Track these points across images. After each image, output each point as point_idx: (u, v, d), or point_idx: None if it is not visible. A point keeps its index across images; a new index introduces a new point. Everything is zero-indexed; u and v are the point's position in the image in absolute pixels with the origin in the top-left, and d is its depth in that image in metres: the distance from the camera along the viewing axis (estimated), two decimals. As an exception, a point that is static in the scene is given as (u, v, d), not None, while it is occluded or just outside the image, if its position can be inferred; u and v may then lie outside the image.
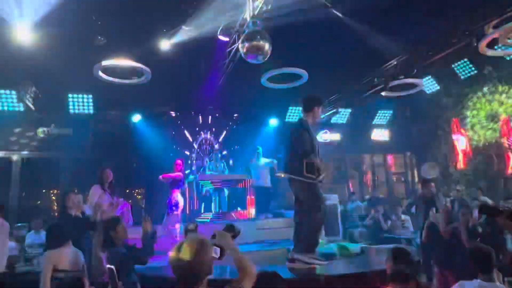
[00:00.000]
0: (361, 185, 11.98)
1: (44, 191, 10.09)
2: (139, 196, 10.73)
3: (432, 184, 6.17)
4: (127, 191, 10.11)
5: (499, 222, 2.55)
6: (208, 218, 7.64)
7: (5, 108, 8.17)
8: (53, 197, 10.11)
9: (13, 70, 7.32)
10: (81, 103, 8.57)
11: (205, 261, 1.74)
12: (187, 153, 10.04)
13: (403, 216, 8.00)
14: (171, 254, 1.76)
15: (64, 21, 5.98)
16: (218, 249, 1.89)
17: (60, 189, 9.48)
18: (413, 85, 8.69)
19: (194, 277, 1.71)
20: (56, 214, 8.59)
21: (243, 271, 1.85)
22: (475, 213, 4.68)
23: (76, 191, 5.44)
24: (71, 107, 8.54)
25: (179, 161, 6.92)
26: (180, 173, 6.81)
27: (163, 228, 6.17)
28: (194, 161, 10.07)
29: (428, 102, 10.66)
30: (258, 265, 5.16)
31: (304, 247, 4.07)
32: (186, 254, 1.71)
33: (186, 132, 10.11)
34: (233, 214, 8.00)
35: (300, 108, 8.21)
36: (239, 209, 8.70)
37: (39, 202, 9.97)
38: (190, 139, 10.15)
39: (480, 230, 4.56)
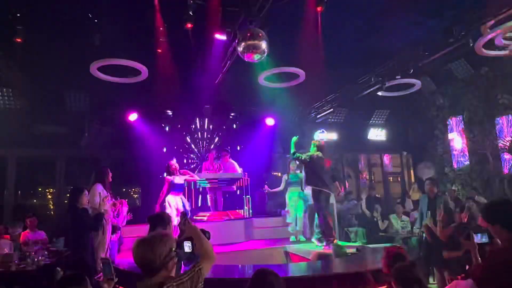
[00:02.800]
0: (357, 184, 12.00)
1: (40, 189, 10.06)
2: (135, 196, 10.70)
3: (436, 184, 6.16)
4: (123, 190, 10.08)
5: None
6: (205, 217, 7.63)
7: (1, 105, 8.12)
8: (49, 196, 10.07)
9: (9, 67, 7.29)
10: (77, 101, 8.51)
11: (161, 253, 1.91)
12: (184, 152, 10.02)
13: (403, 216, 8.02)
14: (134, 245, 1.95)
15: (61, 18, 5.97)
16: (189, 243, 2.02)
17: (56, 187, 9.46)
18: (410, 85, 8.73)
19: (150, 267, 1.90)
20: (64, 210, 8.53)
21: (205, 254, 2.05)
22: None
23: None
24: (67, 104, 8.49)
25: (172, 163, 6.79)
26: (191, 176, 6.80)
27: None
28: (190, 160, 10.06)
29: (425, 102, 10.70)
30: (256, 264, 5.19)
31: None
32: (144, 245, 1.92)
33: (182, 131, 10.09)
34: (229, 213, 7.99)
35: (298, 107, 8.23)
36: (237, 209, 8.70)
37: (35, 200, 9.93)
38: (187, 138, 10.13)
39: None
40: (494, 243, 2.54)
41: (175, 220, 6.25)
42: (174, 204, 6.42)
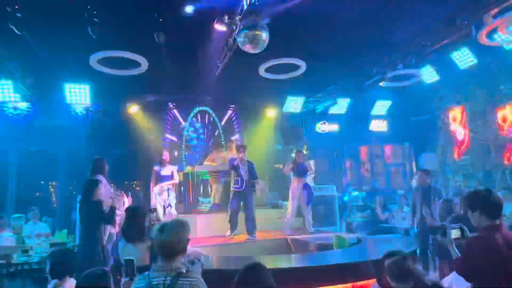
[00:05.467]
0: (359, 175, 12.01)
1: (42, 182, 10.11)
2: (138, 188, 10.74)
3: (429, 174, 6.21)
4: (126, 183, 10.12)
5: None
6: (205, 210, 7.67)
7: (1, 98, 8.12)
8: (52, 189, 10.13)
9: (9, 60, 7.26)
10: (78, 94, 8.52)
11: (183, 239, 2.10)
12: (183, 143, 10.04)
13: (405, 207, 8.04)
14: (155, 233, 2.10)
15: (60, 10, 5.93)
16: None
17: (59, 180, 9.52)
18: (412, 76, 8.67)
19: (173, 250, 2.06)
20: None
21: None
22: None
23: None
24: (67, 97, 8.49)
25: (164, 153, 6.89)
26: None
27: None
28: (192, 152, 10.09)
29: (427, 92, 10.63)
30: (257, 255, 5.23)
31: None
32: (167, 233, 2.07)
33: (183, 122, 10.09)
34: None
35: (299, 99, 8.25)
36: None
37: (37, 193, 9.99)
38: (188, 130, 10.13)
39: None
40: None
41: (160, 210, 6.37)
42: (158, 194, 6.55)
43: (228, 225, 6.49)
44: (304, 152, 10.99)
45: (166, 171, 6.68)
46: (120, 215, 4.65)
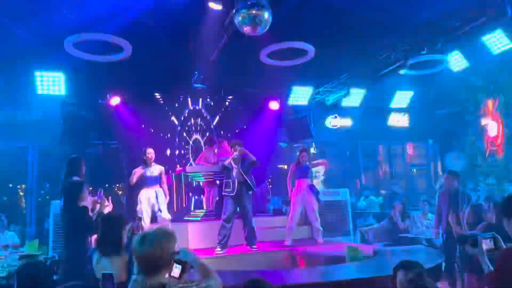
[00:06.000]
0: (375, 178, 12.01)
1: (10, 185, 10.12)
2: (120, 192, 10.75)
3: (457, 176, 6.19)
4: (106, 185, 10.13)
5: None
6: (198, 216, 7.66)
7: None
8: (21, 193, 10.13)
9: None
10: (51, 83, 8.49)
11: (169, 249, 2.07)
12: (174, 140, 10.04)
13: (429, 215, 8.03)
14: (135, 244, 2.09)
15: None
16: (180, 267, 2.04)
17: (29, 183, 9.51)
18: (437, 62, 8.63)
19: (156, 264, 2.04)
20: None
21: (207, 274, 2.16)
22: None
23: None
24: (39, 87, 8.47)
25: (149, 151, 6.76)
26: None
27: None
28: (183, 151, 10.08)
29: (455, 81, 10.58)
30: (257, 270, 5.22)
31: None
32: (150, 244, 2.05)
33: (173, 117, 10.08)
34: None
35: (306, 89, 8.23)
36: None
37: (5, 198, 10.00)
38: (178, 125, 10.12)
39: None
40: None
41: (147, 218, 6.34)
42: (145, 199, 6.49)
43: (218, 238, 6.33)
44: (313, 150, 11.03)
45: (151, 171, 6.63)
46: None
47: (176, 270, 2.03)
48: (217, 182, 7.87)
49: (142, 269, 2.07)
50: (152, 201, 6.52)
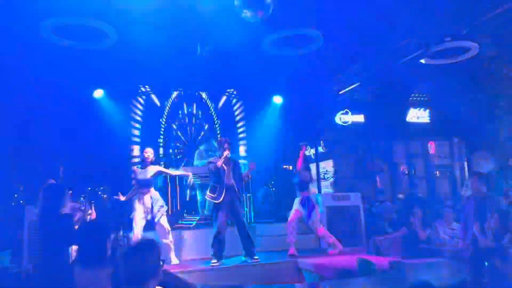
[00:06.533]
0: (392, 181, 12.04)
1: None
2: (104, 195, 10.82)
3: (485, 180, 6.23)
4: (89, 189, 10.20)
5: None
6: (192, 222, 7.76)
7: None
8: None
9: None
10: (24, 72, 8.52)
11: (153, 261, 2.29)
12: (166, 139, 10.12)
13: (454, 223, 8.06)
14: (119, 260, 2.31)
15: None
16: None
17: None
18: (464, 50, 8.67)
19: (141, 277, 2.24)
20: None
21: None
22: None
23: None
24: (10, 76, 8.52)
25: (147, 151, 6.84)
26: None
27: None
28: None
29: (483, 71, 10.61)
30: (259, 284, 5.27)
31: None
32: (134, 254, 2.29)
33: (164, 112, 10.15)
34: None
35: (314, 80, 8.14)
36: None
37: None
38: (170, 122, 10.20)
39: None
40: None
41: (139, 228, 6.38)
42: (140, 206, 6.49)
43: (211, 250, 6.39)
44: (321, 149, 11.09)
45: (144, 174, 6.66)
46: None
47: None
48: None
49: (129, 285, 2.24)
50: (147, 209, 6.52)
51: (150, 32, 7.58)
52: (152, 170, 6.68)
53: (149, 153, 6.74)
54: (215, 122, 10.46)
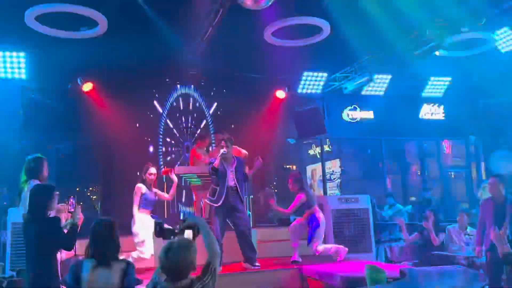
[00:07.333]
0: (404, 182, 12.03)
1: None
2: (94, 197, 10.83)
3: (504, 181, 6.21)
4: (77, 189, 10.20)
5: None
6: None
7: None
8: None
9: None
10: (8, 65, 8.55)
11: (192, 259, 2.82)
12: (159, 135, 10.11)
13: (469, 229, 8.05)
14: (161, 253, 2.78)
15: None
16: (191, 231, 3.01)
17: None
18: (481, 41, 8.64)
19: (180, 273, 2.77)
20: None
21: (213, 252, 3.02)
22: None
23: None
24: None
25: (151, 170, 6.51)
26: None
27: None
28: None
29: (503, 65, 10.58)
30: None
31: None
32: (181, 249, 2.79)
33: (158, 106, 10.14)
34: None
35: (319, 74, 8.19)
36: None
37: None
38: (164, 116, 10.19)
39: None
40: None
41: (147, 243, 6.29)
42: (146, 228, 6.19)
43: None
44: (327, 148, 11.06)
45: (152, 194, 6.48)
46: None
47: (188, 234, 2.99)
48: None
49: (168, 276, 2.77)
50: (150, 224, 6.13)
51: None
52: (155, 190, 6.60)
53: (155, 174, 6.52)
54: (212, 118, 10.45)
